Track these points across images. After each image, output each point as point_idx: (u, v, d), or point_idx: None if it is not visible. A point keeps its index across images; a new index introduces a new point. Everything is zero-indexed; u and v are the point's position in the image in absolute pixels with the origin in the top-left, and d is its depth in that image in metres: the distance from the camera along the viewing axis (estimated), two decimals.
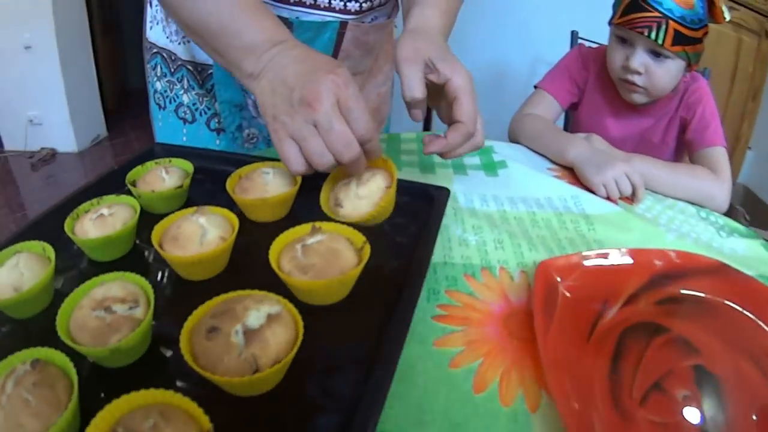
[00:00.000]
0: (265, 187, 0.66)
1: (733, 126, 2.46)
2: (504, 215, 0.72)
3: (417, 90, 0.63)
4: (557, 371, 0.46)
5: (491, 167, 0.84)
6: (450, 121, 0.65)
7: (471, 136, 0.65)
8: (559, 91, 1.12)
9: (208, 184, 0.75)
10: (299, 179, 0.69)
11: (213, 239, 0.58)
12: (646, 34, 0.93)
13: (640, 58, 0.97)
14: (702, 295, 0.58)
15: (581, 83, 1.14)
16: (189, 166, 0.74)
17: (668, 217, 0.76)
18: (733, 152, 2.49)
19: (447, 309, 0.56)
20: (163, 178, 0.70)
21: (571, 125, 1.38)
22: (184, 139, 0.97)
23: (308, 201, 0.70)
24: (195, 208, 0.62)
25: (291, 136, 0.59)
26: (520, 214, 0.72)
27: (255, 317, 0.46)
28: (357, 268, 0.53)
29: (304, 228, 0.58)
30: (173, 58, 0.91)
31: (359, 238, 0.57)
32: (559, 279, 0.57)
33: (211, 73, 0.90)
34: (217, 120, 0.95)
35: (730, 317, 0.56)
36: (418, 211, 0.67)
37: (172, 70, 0.93)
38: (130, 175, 0.73)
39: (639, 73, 0.98)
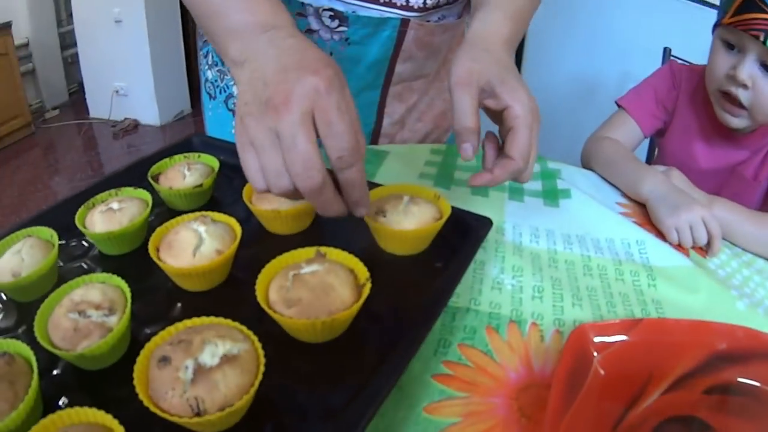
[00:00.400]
0: (279, 198, 0.60)
1: None
2: (554, 256, 0.62)
3: (468, 119, 0.53)
4: None
5: (553, 195, 0.74)
6: (502, 151, 0.56)
7: (520, 174, 0.55)
8: (643, 116, 0.96)
9: (236, 182, 0.70)
10: None
11: (208, 252, 0.54)
12: (761, 39, 0.75)
13: (749, 69, 0.78)
14: (762, 387, 0.46)
15: (669, 105, 0.98)
16: (215, 163, 0.71)
17: (743, 278, 0.63)
18: None
19: (454, 368, 0.48)
20: (184, 174, 0.68)
21: (656, 152, 1.21)
22: (233, 131, 0.92)
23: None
24: (199, 214, 0.58)
25: (251, 143, 0.48)
26: (572, 257, 0.62)
27: (210, 354, 0.41)
28: (346, 311, 0.46)
29: (308, 252, 0.52)
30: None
31: (363, 273, 0.50)
32: (595, 353, 0.47)
33: None
34: None
35: None
36: (453, 241, 0.59)
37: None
38: (155, 168, 0.71)
39: (745, 87, 0.79)
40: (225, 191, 0.70)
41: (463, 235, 0.59)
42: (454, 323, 0.52)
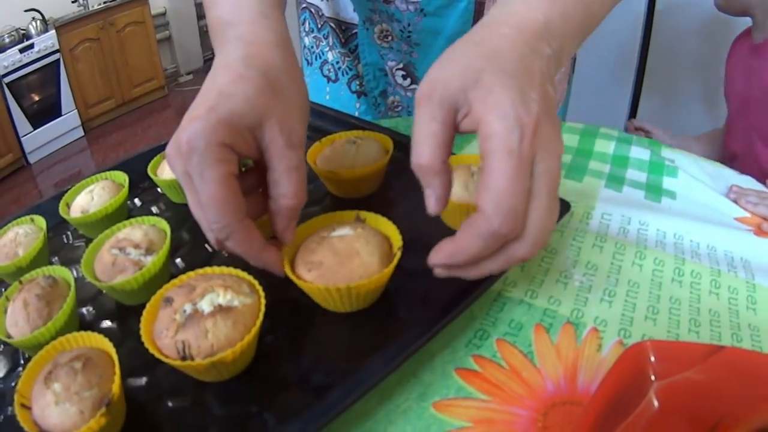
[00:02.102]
0: (343, 159, 0.54)
1: None
2: (641, 253, 0.50)
3: (422, 153, 0.34)
4: None
5: (656, 191, 0.60)
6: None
7: (495, 238, 0.32)
8: None
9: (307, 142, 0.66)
10: (390, 150, 0.55)
11: None
12: None
13: None
14: None
15: None
16: None
17: None
18: None
19: (483, 365, 0.39)
20: None
21: None
22: (327, 97, 0.89)
23: (404, 182, 0.57)
24: None
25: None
26: (663, 257, 0.49)
27: (209, 302, 0.38)
28: (367, 280, 0.39)
29: (349, 215, 0.46)
30: (320, 14, 0.82)
31: (397, 241, 0.43)
32: (653, 377, 0.37)
33: (356, 33, 0.79)
34: (358, 82, 0.84)
35: None
36: None
37: (319, 26, 0.84)
38: None
39: None
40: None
41: None
42: (501, 314, 0.44)
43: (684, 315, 0.44)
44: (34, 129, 3.28)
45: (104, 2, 3.48)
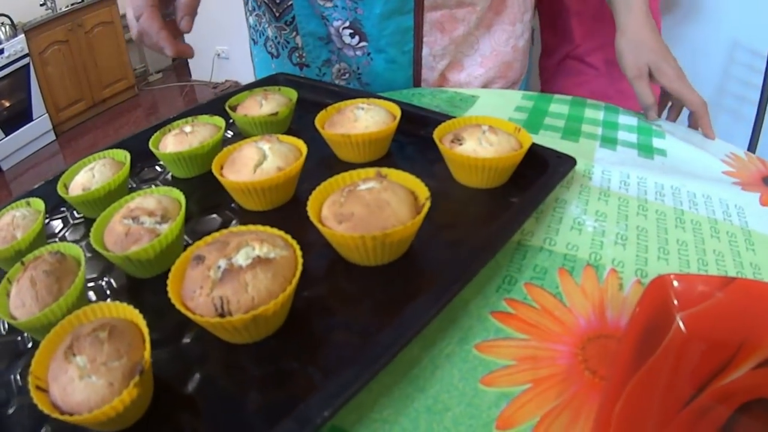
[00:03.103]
0: (354, 123, 0.53)
1: None
2: (644, 205, 0.51)
3: (650, 99, 0.67)
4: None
5: (647, 150, 0.61)
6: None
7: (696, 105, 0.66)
8: None
9: (313, 116, 0.64)
10: (398, 117, 0.55)
11: (269, 168, 0.48)
12: None
13: None
14: None
15: None
16: (293, 95, 0.65)
17: None
18: None
19: (516, 307, 0.39)
20: (261, 103, 0.62)
21: None
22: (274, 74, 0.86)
23: (408, 147, 0.58)
24: (267, 134, 0.53)
25: None
26: (664, 208, 0.50)
27: (245, 255, 0.35)
28: (401, 227, 0.38)
29: (368, 172, 0.45)
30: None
31: (424, 192, 0.42)
32: (676, 302, 0.37)
33: (290, 5, 0.76)
34: (298, 54, 0.81)
35: None
36: (528, 178, 0.50)
37: (259, 3, 0.81)
38: (233, 100, 0.66)
39: None
40: (304, 123, 0.64)
41: (542, 172, 0.49)
42: (524, 261, 0.43)
43: (692, 255, 0.45)
44: (6, 135, 3.14)
45: (72, 4, 3.35)
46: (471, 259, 0.39)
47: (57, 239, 0.52)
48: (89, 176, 0.53)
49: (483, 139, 0.48)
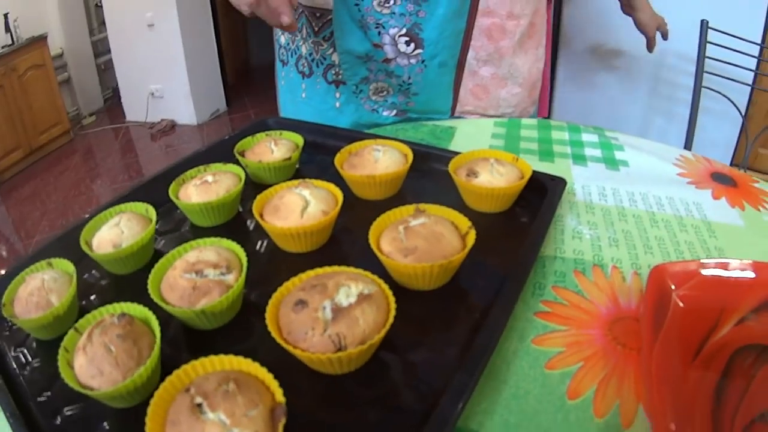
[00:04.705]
0: (375, 164, 0.63)
1: None
2: (622, 212, 0.65)
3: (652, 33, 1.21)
4: (659, 386, 0.41)
5: (612, 163, 0.76)
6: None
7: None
8: None
9: (319, 159, 0.73)
10: (410, 158, 0.65)
11: (315, 212, 0.55)
12: None
13: None
14: None
15: None
16: (299, 140, 0.71)
17: None
18: None
19: (552, 306, 0.51)
20: (272, 149, 0.68)
21: None
22: (303, 95, 0.93)
23: (419, 183, 0.67)
24: (299, 180, 0.59)
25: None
26: (638, 212, 0.65)
27: (345, 294, 0.43)
28: (461, 253, 0.49)
29: (408, 209, 0.55)
30: (295, 6, 0.84)
31: (464, 222, 0.53)
32: (673, 286, 0.51)
33: (330, 20, 0.82)
34: (334, 71, 0.88)
35: None
36: (531, 200, 0.62)
37: (297, 16, 0.86)
38: (240, 146, 0.71)
39: None
40: (309, 166, 0.73)
41: (540, 194, 0.62)
42: (545, 269, 0.56)
43: (670, 247, 0.59)
44: None
45: (2, 47, 3.23)
46: (516, 272, 0.50)
47: (90, 299, 0.53)
48: (117, 232, 0.55)
49: (494, 171, 0.60)
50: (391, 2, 0.80)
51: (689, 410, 0.41)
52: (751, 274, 0.52)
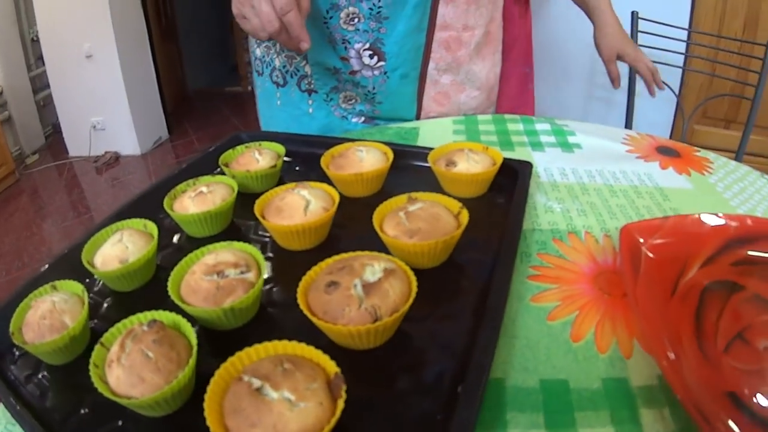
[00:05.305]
0: (361, 163, 0.68)
1: None
2: (584, 187, 0.73)
3: (616, 74, 1.14)
4: (648, 323, 0.48)
5: (567, 146, 0.85)
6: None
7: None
8: None
9: (296, 167, 0.77)
10: (390, 156, 0.70)
11: (316, 209, 0.59)
12: None
13: None
14: None
15: None
16: (280, 148, 0.76)
17: (740, 188, 0.74)
18: None
19: (540, 270, 0.58)
20: (257, 159, 0.71)
21: None
22: (278, 103, 1.00)
23: (398, 178, 0.73)
24: (294, 183, 0.64)
25: (244, 16, 0.73)
26: (598, 186, 0.73)
27: (371, 272, 0.47)
28: (459, 230, 0.54)
29: (401, 199, 0.60)
30: None
31: (455, 204, 0.58)
32: (641, 240, 0.58)
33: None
34: (307, 81, 0.96)
35: None
36: (503, 184, 0.69)
37: None
38: (224, 158, 0.74)
39: None
40: (289, 174, 0.77)
41: (510, 177, 0.69)
42: (527, 240, 0.62)
43: (631, 212, 0.67)
44: None
45: None
46: (507, 242, 0.56)
47: (96, 320, 0.53)
48: (122, 248, 0.55)
49: (470, 159, 0.67)
50: (356, 20, 0.88)
51: (676, 337, 0.48)
52: (706, 225, 0.60)
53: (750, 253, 0.58)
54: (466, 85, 0.99)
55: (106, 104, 3.71)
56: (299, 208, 0.59)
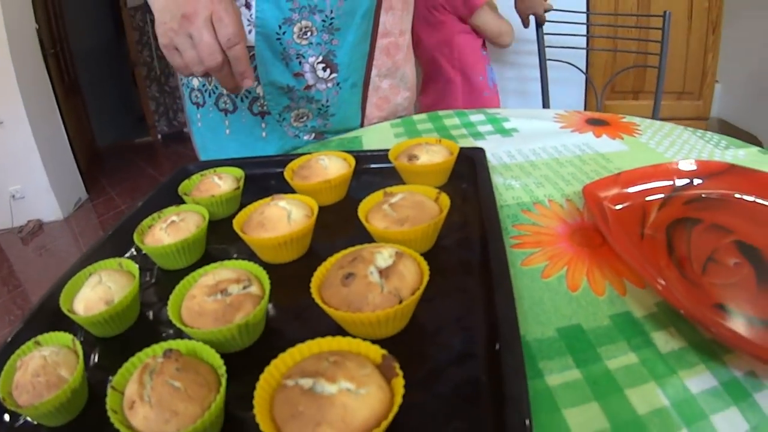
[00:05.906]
0: (326, 171, 0.70)
1: (698, 62, 2.52)
2: (533, 164, 0.79)
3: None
4: (633, 261, 0.53)
5: (505, 132, 0.91)
6: None
7: None
8: None
9: (253, 188, 0.76)
10: (352, 162, 0.73)
11: (299, 218, 0.60)
12: None
13: None
14: (721, 191, 0.65)
15: None
16: (237, 171, 0.76)
17: (670, 142, 0.82)
18: (701, 88, 2.57)
19: (520, 239, 0.62)
20: (218, 183, 0.71)
21: None
22: (227, 131, 0.96)
23: (361, 183, 0.76)
24: (270, 197, 0.63)
25: (175, 47, 0.67)
26: (546, 161, 0.79)
27: (382, 258, 0.48)
28: (444, 212, 0.57)
29: (377, 195, 0.62)
30: None
31: (431, 191, 0.62)
32: (602, 195, 0.64)
33: (252, 55, 0.88)
34: (259, 104, 0.94)
35: (747, 207, 0.63)
36: (463, 170, 0.73)
37: None
38: (182, 188, 0.73)
39: None
40: (250, 195, 0.73)
41: (468, 163, 0.73)
42: (500, 216, 0.67)
43: (583, 177, 0.73)
44: None
45: None
46: (489, 216, 0.59)
47: (92, 369, 0.50)
48: (104, 289, 0.53)
49: (430, 151, 0.71)
50: (308, 33, 0.89)
51: (658, 270, 0.54)
52: (653, 174, 0.67)
53: (702, 193, 0.66)
54: (401, 87, 1.05)
55: (21, 170, 3.53)
56: (282, 219, 0.60)
